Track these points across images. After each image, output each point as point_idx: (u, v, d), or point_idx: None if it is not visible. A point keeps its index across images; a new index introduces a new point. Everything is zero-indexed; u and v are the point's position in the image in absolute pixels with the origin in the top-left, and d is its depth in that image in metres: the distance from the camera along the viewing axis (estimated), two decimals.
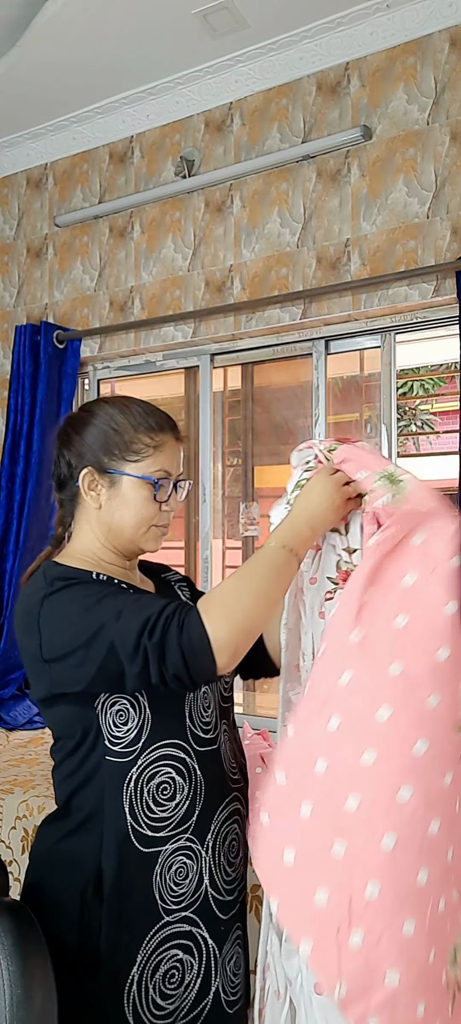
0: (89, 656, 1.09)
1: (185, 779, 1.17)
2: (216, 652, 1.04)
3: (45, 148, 3.28)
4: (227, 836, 1.22)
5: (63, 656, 1.11)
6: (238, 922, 1.26)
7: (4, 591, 3.14)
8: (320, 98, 2.67)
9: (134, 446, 1.21)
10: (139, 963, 1.13)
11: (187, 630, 1.05)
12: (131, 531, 1.23)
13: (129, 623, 1.08)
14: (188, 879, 1.17)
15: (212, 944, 1.19)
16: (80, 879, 1.15)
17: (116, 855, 1.14)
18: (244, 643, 1.09)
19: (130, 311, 3.08)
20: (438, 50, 2.45)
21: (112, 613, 1.09)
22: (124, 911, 1.14)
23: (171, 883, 1.15)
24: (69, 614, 1.12)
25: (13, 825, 2.19)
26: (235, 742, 1.32)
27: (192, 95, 2.89)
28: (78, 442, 1.24)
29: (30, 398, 3.15)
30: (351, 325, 2.69)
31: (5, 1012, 0.84)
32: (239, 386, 3.34)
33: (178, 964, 1.16)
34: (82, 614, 1.11)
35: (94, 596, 1.12)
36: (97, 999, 1.13)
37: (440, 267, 2.40)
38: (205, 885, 1.18)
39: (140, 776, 1.15)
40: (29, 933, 0.91)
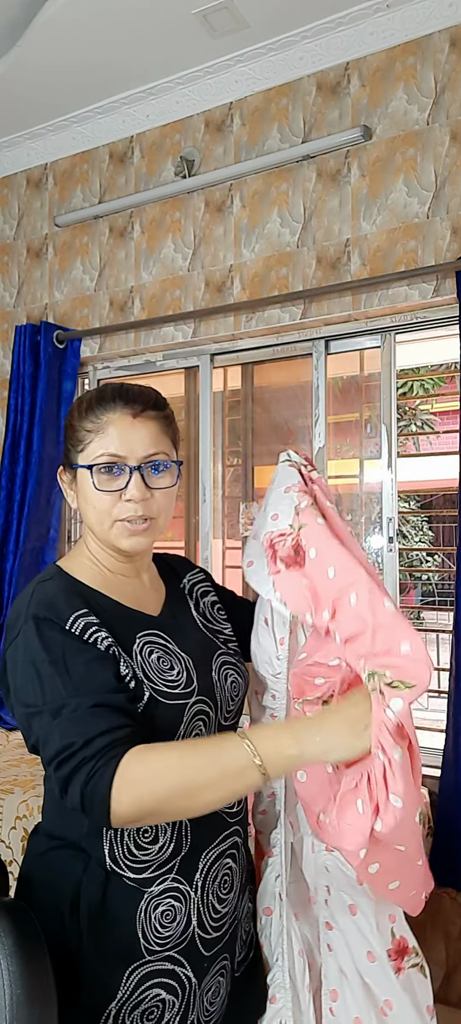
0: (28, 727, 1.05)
1: (168, 823, 1.09)
2: (111, 817, 0.95)
3: (45, 148, 3.28)
4: (218, 873, 1.15)
5: (18, 701, 1.07)
6: (224, 954, 1.18)
7: (4, 591, 3.14)
8: (320, 98, 2.67)
9: (78, 434, 1.13)
10: (119, 999, 1.07)
11: (92, 786, 0.95)
12: (95, 527, 1.14)
13: (54, 735, 0.99)
14: (175, 922, 1.09)
15: (195, 982, 1.13)
16: (58, 898, 1.10)
17: (97, 888, 1.08)
18: (146, 821, 1.01)
19: (130, 311, 3.08)
20: (438, 50, 2.45)
21: (53, 705, 1.01)
22: (104, 944, 1.08)
23: (157, 924, 1.08)
24: (27, 669, 1.05)
25: (13, 825, 2.19)
26: None
27: (192, 95, 2.89)
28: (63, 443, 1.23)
29: (30, 398, 3.15)
30: (351, 325, 2.69)
31: (5, 1012, 0.84)
32: (239, 386, 3.34)
33: (159, 1003, 1.10)
34: (34, 681, 1.03)
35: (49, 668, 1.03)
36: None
37: (440, 267, 2.40)
38: (193, 927, 1.11)
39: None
40: (29, 933, 0.91)
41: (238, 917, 1.22)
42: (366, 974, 1.23)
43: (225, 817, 1.17)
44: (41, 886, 1.13)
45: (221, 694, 1.18)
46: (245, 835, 1.24)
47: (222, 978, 1.19)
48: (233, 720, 1.23)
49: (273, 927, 1.29)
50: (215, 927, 1.15)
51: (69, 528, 3.37)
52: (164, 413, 1.16)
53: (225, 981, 1.20)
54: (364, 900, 1.23)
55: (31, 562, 3.12)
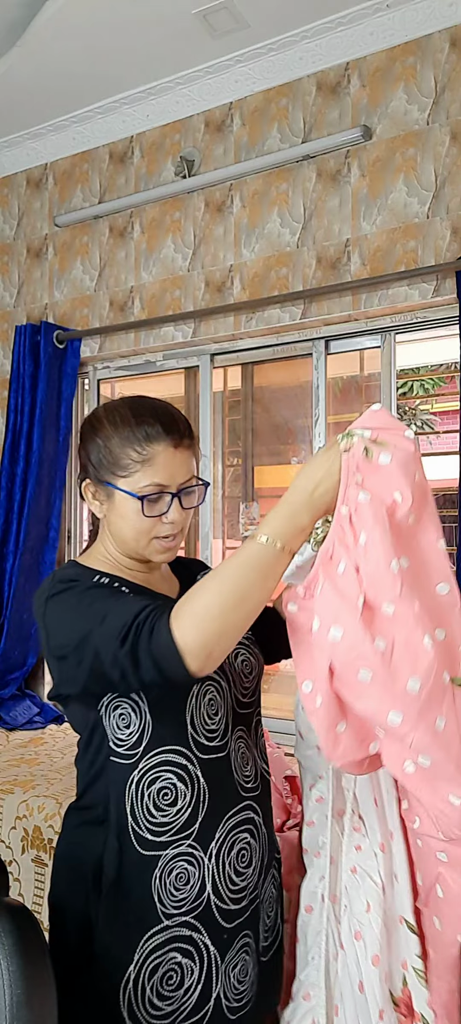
0: (80, 661, 1.10)
1: (187, 786, 1.17)
2: (186, 658, 1.01)
3: (45, 148, 3.28)
4: (234, 845, 1.21)
5: (62, 657, 1.13)
6: (246, 930, 1.23)
7: (4, 591, 3.14)
8: (320, 98, 2.67)
9: (122, 461, 1.19)
10: (135, 962, 1.13)
11: (156, 637, 1.03)
12: (131, 543, 1.22)
13: (109, 629, 1.07)
14: (189, 885, 1.16)
15: (214, 951, 1.18)
16: (85, 872, 1.18)
17: (117, 853, 1.16)
18: (219, 647, 1.04)
19: (130, 311, 3.08)
20: (438, 50, 2.45)
21: (98, 618, 1.09)
22: (121, 910, 1.15)
23: (171, 888, 1.15)
24: (65, 618, 1.13)
25: (13, 825, 2.19)
26: (254, 749, 1.30)
27: (192, 95, 2.89)
28: (83, 454, 1.26)
29: (30, 398, 3.15)
30: (351, 325, 2.69)
31: (5, 1012, 0.84)
32: (239, 386, 3.35)
33: (176, 967, 1.16)
34: (74, 619, 1.12)
35: (86, 601, 1.13)
36: (93, 992, 1.15)
37: (440, 267, 2.40)
38: (208, 893, 1.17)
39: (141, 779, 1.16)
40: (29, 933, 0.91)
41: (260, 897, 1.27)
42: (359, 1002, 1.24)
43: (239, 790, 1.23)
44: (68, 865, 1.22)
45: (231, 670, 1.27)
46: (264, 815, 1.28)
47: (247, 956, 1.24)
48: (251, 698, 1.30)
49: (312, 925, 1.31)
50: (233, 899, 1.20)
51: (69, 528, 3.37)
52: (193, 440, 1.26)
53: (251, 961, 1.25)
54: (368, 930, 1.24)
55: (31, 562, 3.12)
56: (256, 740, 1.32)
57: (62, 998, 1.12)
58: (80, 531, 3.38)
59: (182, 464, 1.21)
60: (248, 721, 1.29)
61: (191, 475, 1.23)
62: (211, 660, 1.04)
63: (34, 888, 2.13)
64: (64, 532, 3.34)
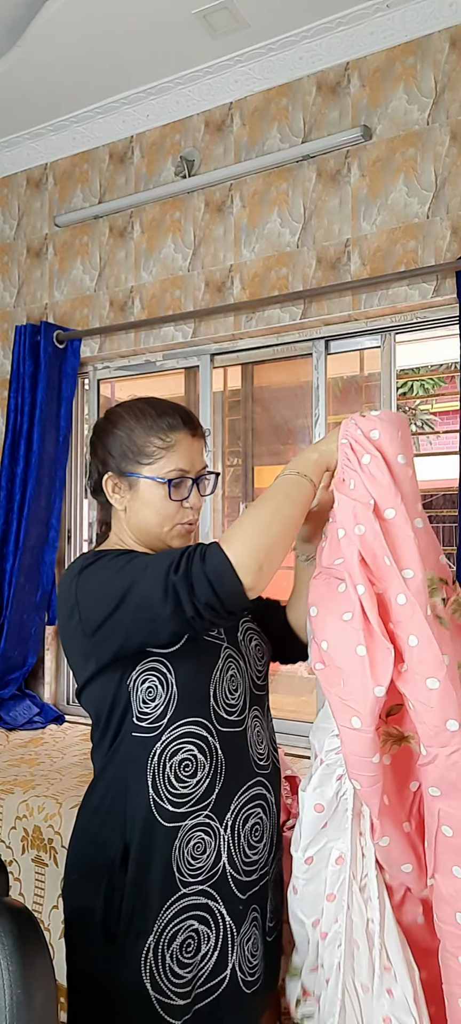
0: (124, 612, 1.16)
1: (206, 757, 1.22)
2: (240, 572, 1.10)
3: (45, 148, 3.28)
4: (249, 818, 1.26)
5: (102, 622, 1.18)
6: (255, 904, 1.28)
7: (4, 591, 3.14)
8: (320, 98, 2.67)
9: (147, 449, 1.28)
10: (155, 932, 1.18)
11: (209, 558, 1.12)
12: (156, 529, 1.29)
13: (156, 570, 1.14)
14: (205, 854, 1.21)
15: (230, 921, 1.23)
16: (108, 854, 1.22)
17: (140, 829, 1.20)
18: (266, 561, 1.13)
19: (130, 311, 3.08)
20: (438, 50, 2.45)
21: (140, 569, 1.17)
22: (144, 882, 1.19)
23: (189, 857, 1.20)
24: (102, 581, 1.20)
25: (13, 825, 2.19)
26: (266, 730, 1.37)
27: (192, 95, 2.89)
28: (101, 449, 1.33)
29: (30, 398, 3.15)
30: (351, 325, 2.69)
31: (5, 1012, 0.84)
32: (239, 386, 3.35)
33: (194, 934, 1.21)
34: (113, 576, 1.18)
35: (123, 560, 1.20)
36: (116, 966, 1.19)
37: (440, 267, 2.40)
38: (223, 862, 1.23)
39: (163, 752, 1.21)
40: (29, 933, 0.91)
41: (268, 875, 1.32)
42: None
43: (254, 766, 1.29)
44: (89, 845, 1.26)
45: (247, 652, 1.35)
46: (274, 794, 1.34)
47: (256, 931, 1.29)
48: (263, 682, 1.39)
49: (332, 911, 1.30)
50: (246, 871, 1.26)
51: (69, 528, 3.37)
52: (204, 432, 1.37)
53: (258, 937, 1.30)
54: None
55: (31, 562, 3.12)
56: (268, 723, 1.39)
57: (86, 983, 1.22)
58: (80, 531, 3.38)
59: (198, 452, 1.32)
60: (262, 703, 1.37)
61: (205, 464, 1.34)
62: (261, 575, 1.12)
63: (34, 888, 2.13)
64: (64, 532, 3.34)
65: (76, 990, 1.27)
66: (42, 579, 3.16)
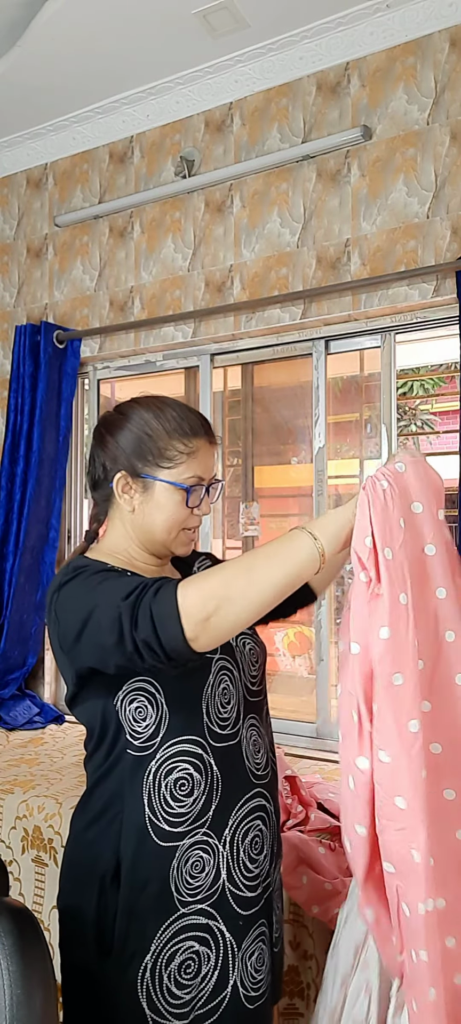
0: (86, 636, 1.12)
1: (202, 775, 1.18)
2: (183, 619, 1.02)
3: (45, 148, 3.28)
4: (248, 832, 1.23)
5: (73, 640, 1.14)
6: (262, 919, 1.25)
7: (4, 591, 3.14)
8: (320, 98, 2.67)
9: (168, 452, 1.23)
10: (153, 952, 1.15)
11: (160, 596, 1.05)
12: (162, 534, 1.25)
13: (114, 596, 1.09)
14: (204, 872, 1.18)
15: (230, 938, 1.20)
16: (101, 867, 1.18)
17: (134, 846, 1.16)
18: (217, 615, 1.03)
19: (130, 311, 3.08)
20: (438, 50, 2.45)
21: (106, 591, 1.11)
22: (139, 900, 1.16)
23: (187, 876, 1.17)
24: (74, 600, 1.15)
25: (13, 825, 2.19)
26: (265, 737, 1.32)
27: (192, 95, 2.89)
28: (112, 445, 1.26)
29: (30, 398, 3.15)
30: (351, 325, 2.69)
31: (5, 1012, 0.84)
32: (239, 386, 3.34)
33: (194, 956, 1.17)
34: (84, 596, 1.13)
35: (96, 579, 1.14)
36: (111, 983, 1.16)
37: (440, 267, 2.40)
38: (223, 880, 1.19)
39: (158, 770, 1.17)
40: (29, 933, 0.91)
41: (272, 886, 1.29)
42: None
43: (251, 777, 1.25)
44: (81, 860, 1.23)
45: (241, 658, 1.30)
46: (273, 803, 1.30)
47: (264, 945, 1.25)
48: (259, 686, 1.33)
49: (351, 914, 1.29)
50: (248, 886, 1.22)
51: (69, 528, 3.37)
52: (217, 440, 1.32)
53: (267, 950, 1.26)
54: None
55: (31, 562, 3.12)
56: (267, 728, 1.34)
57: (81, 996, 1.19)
58: (80, 531, 3.38)
59: (213, 460, 1.29)
60: (259, 708, 1.32)
61: (216, 472, 1.31)
62: (207, 627, 1.03)
63: (34, 888, 2.13)
64: (64, 532, 3.34)
65: (71, 1003, 1.23)
66: (42, 579, 3.15)
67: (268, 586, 1.05)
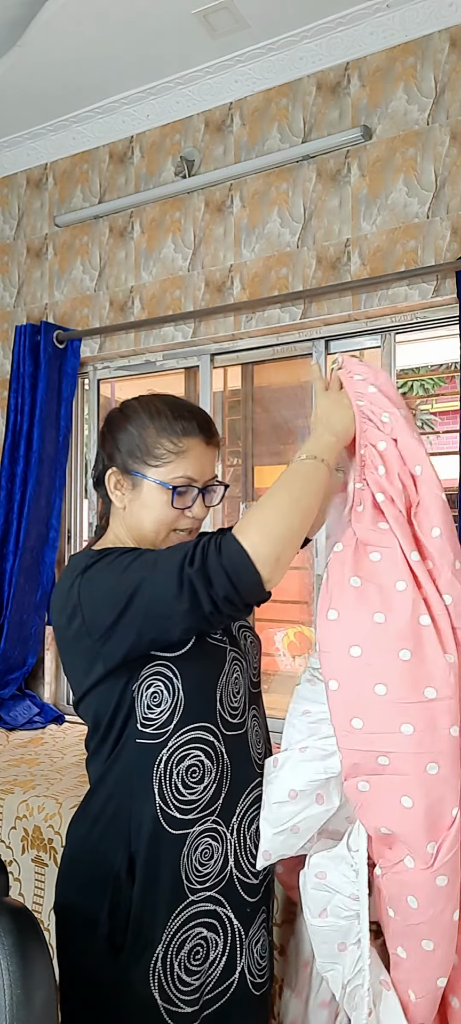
0: (134, 611, 1.11)
1: (213, 762, 1.20)
2: (258, 564, 1.07)
3: (45, 148, 3.28)
4: (253, 820, 1.25)
5: (111, 624, 1.13)
6: (263, 905, 1.28)
7: (4, 591, 3.13)
8: (320, 98, 2.67)
9: (156, 451, 1.23)
10: (164, 941, 1.16)
11: (226, 550, 1.08)
12: (150, 535, 1.25)
13: (168, 565, 1.10)
14: (213, 859, 1.20)
15: (237, 925, 1.22)
16: (112, 865, 1.18)
17: (146, 838, 1.17)
18: (284, 552, 1.10)
19: (130, 311, 3.08)
20: (438, 50, 2.45)
21: (148, 565, 1.12)
22: (152, 891, 1.17)
23: (196, 863, 1.19)
24: (107, 582, 1.14)
25: (13, 825, 2.19)
26: (263, 729, 1.36)
27: (192, 95, 2.89)
28: (110, 442, 1.28)
29: (30, 398, 3.15)
30: (351, 325, 2.69)
31: (5, 1012, 0.84)
32: (239, 386, 3.34)
33: (202, 941, 1.19)
34: (119, 577, 1.13)
35: (128, 558, 1.15)
36: (124, 977, 1.16)
37: (440, 267, 2.40)
38: (230, 867, 1.21)
39: (170, 758, 1.18)
40: (29, 933, 0.91)
41: (271, 873, 1.32)
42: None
43: (255, 767, 1.28)
44: (91, 859, 1.22)
45: (246, 650, 1.33)
46: None
47: (265, 931, 1.28)
48: (259, 678, 1.36)
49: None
50: (253, 872, 1.25)
51: (69, 528, 3.37)
52: (219, 440, 1.31)
53: (268, 937, 1.29)
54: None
55: (31, 562, 3.12)
56: (264, 720, 1.37)
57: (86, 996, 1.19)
58: (80, 531, 3.38)
59: (210, 462, 1.26)
60: (258, 701, 1.35)
61: (215, 475, 1.29)
62: (279, 566, 1.09)
63: (34, 888, 2.13)
64: (64, 532, 3.34)
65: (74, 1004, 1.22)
66: (42, 579, 3.16)
67: (310, 513, 1.15)
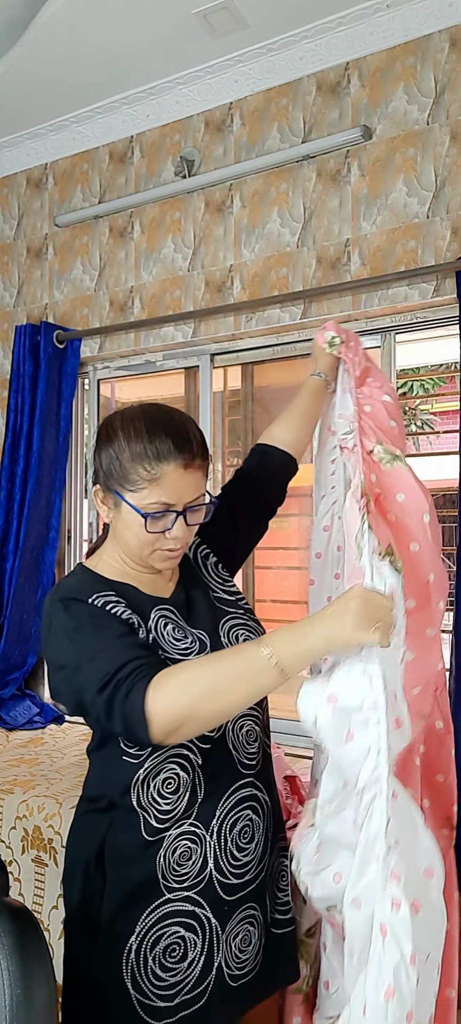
0: (70, 685, 1.19)
1: (188, 773, 1.21)
2: (151, 728, 1.08)
3: (45, 148, 3.28)
4: (237, 822, 1.25)
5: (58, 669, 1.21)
6: (251, 903, 1.27)
7: (4, 591, 3.13)
8: (320, 98, 2.67)
9: (130, 476, 1.21)
10: (137, 933, 1.19)
11: (131, 699, 1.09)
12: (135, 551, 1.26)
13: (94, 672, 1.13)
14: (191, 861, 1.21)
15: (215, 923, 1.23)
16: (86, 852, 1.25)
17: (123, 839, 1.21)
18: (184, 729, 1.10)
19: (130, 311, 3.08)
20: (438, 50, 2.45)
21: (88, 654, 1.15)
22: (125, 885, 1.20)
23: (174, 864, 1.20)
24: (62, 641, 1.20)
25: (13, 825, 2.19)
26: (261, 723, 1.33)
27: (192, 95, 2.89)
28: (96, 459, 1.30)
29: (30, 398, 3.15)
30: (351, 325, 2.68)
31: (5, 1012, 0.84)
32: (239, 386, 3.34)
33: (180, 940, 1.20)
34: (70, 647, 1.18)
35: (82, 633, 1.18)
36: (97, 964, 1.21)
37: (440, 267, 2.40)
38: (210, 868, 1.22)
39: (147, 775, 1.20)
40: (29, 933, 0.91)
41: (266, 871, 1.31)
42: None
43: (239, 768, 1.27)
44: (73, 846, 1.30)
45: None
46: (268, 790, 1.32)
47: (252, 927, 1.28)
48: None
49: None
50: (236, 873, 1.24)
51: (69, 528, 3.37)
52: (206, 459, 1.28)
53: (256, 931, 1.29)
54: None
55: (31, 562, 3.12)
56: (262, 713, 1.35)
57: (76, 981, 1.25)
58: (80, 531, 3.38)
59: (191, 484, 1.23)
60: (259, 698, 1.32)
61: (200, 493, 1.25)
62: (174, 737, 1.11)
63: (34, 888, 2.13)
64: (64, 532, 3.34)
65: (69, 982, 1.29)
66: (42, 579, 3.15)
67: (232, 709, 1.13)
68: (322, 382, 1.58)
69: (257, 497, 1.51)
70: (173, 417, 1.26)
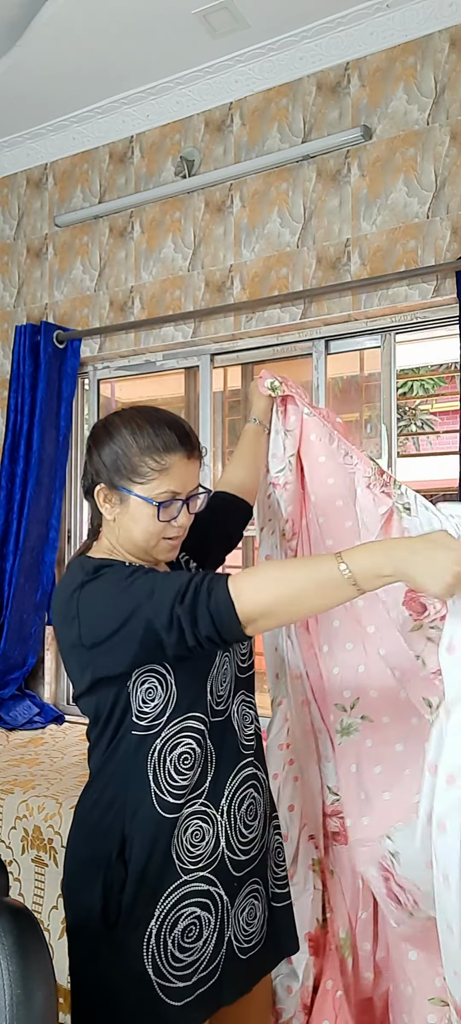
0: (128, 636, 1.19)
1: (201, 748, 1.27)
2: (242, 618, 1.16)
3: (45, 148, 3.28)
4: (243, 800, 1.33)
5: (104, 640, 1.21)
6: (255, 877, 1.35)
7: (4, 591, 3.14)
8: (320, 98, 2.67)
9: (140, 469, 1.28)
10: (157, 917, 1.23)
11: (214, 596, 1.16)
12: (141, 543, 1.31)
13: (162, 597, 1.18)
14: (204, 841, 1.27)
15: (226, 899, 1.30)
16: (107, 845, 1.26)
17: (141, 821, 1.24)
18: (266, 620, 1.19)
19: (130, 311, 3.08)
20: (438, 50, 2.45)
21: (145, 591, 1.19)
22: (145, 871, 1.24)
23: (188, 844, 1.26)
24: (106, 599, 1.22)
25: (13, 825, 2.19)
26: (254, 707, 1.42)
27: (192, 95, 2.89)
28: (96, 458, 1.34)
29: (30, 398, 3.15)
30: (351, 325, 2.69)
31: (5, 1012, 0.84)
32: (239, 386, 3.34)
33: (196, 920, 1.26)
34: (118, 596, 1.21)
35: (127, 579, 1.22)
36: (118, 952, 1.23)
37: (440, 267, 2.40)
38: (222, 847, 1.29)
39: (163, 747, 1.25)
40: (29, 933, 0.91)
41: (266, 846, 1.40)
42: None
43: (241, 749, 1.35)
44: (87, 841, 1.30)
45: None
46: (264, 771, 1.41)
47: (256, 901, 1.36)
48: (249, 661, 1.42)
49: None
50: (243, 850, 1.33)
51: (69, 528, 3.37)
52: (201, 453, 1.37)
53: (260, 904, 1.37)
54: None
55: (31, 562, 3.12)
56: (254, 697, 1.44)
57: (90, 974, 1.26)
58: (80, 531, 3.38)
59: (192, 473, 1.32)
60: (248, 684, 1.42)
61: (198, 483, 1.35)
62: (258, 627, 1.19)
63: (34, 888, 2.13)
64: (64, 532, 3.34)
65: (78, 982, 1.29)
66: (42, 579, 3.16)
67: (306, 613, 1.27)
68: (260, 427, 1.72)
69: (219, 529, 1.59)
70: (169, 414, 1.34)
